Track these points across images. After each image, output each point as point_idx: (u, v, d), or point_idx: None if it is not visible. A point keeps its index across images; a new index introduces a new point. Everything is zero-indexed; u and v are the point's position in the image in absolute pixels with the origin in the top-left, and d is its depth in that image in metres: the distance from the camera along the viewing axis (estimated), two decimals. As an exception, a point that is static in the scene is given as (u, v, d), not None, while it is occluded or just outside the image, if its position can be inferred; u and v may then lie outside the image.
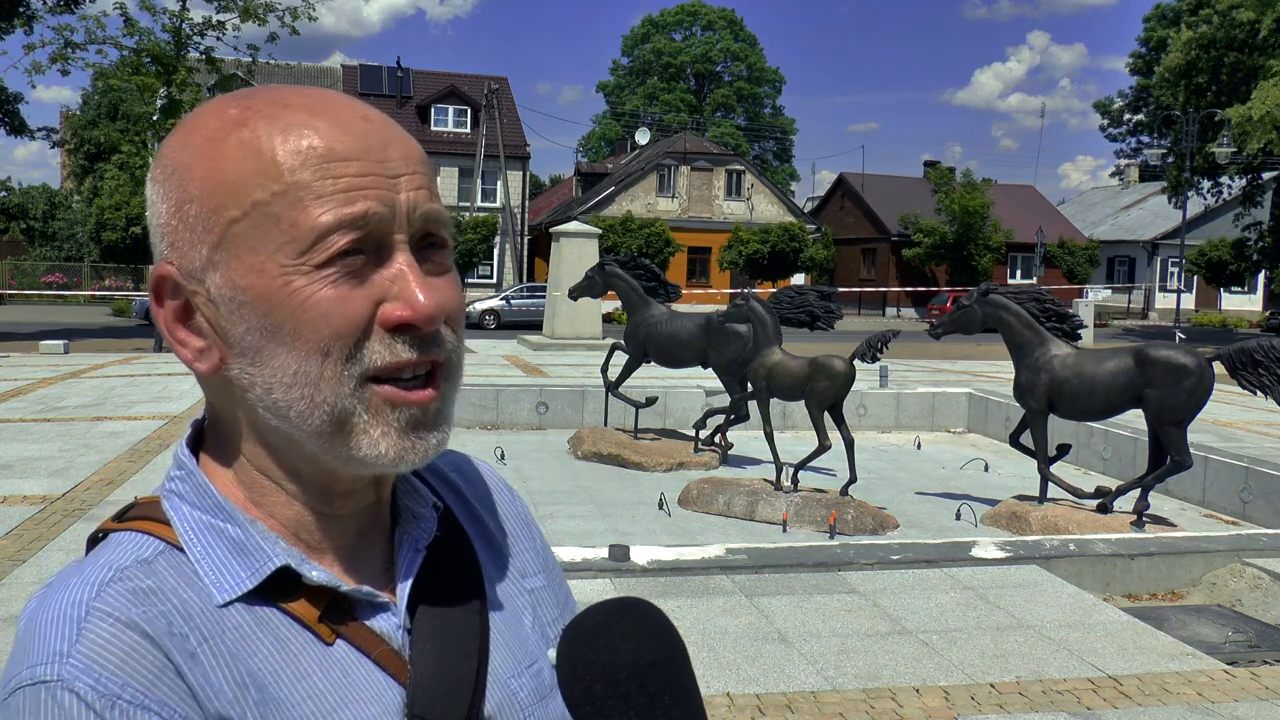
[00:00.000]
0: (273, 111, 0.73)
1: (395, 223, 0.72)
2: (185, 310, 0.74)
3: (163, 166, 0.75)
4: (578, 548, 5.88)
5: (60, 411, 10.76)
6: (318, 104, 0.74)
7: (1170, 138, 34.26)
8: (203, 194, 0.72)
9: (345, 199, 0.70)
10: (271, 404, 0.72)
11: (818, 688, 4.23)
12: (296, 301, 0.70)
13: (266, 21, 20.36)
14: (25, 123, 24.82)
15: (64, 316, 30.40)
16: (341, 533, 0.79)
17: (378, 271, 0.72)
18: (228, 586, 0.72)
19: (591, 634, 0.76)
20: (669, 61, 69.14)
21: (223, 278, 0.72)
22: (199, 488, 0.77)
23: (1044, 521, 7.43)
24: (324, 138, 0.71)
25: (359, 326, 0.71)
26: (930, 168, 46.98)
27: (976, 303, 7.95)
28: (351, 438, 0.73)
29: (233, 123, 0.73)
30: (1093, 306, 30.13)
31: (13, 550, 5.90)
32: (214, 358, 0.74)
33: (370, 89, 43.08)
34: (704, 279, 43.79)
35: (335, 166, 0.71)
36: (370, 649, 0.76)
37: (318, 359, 0.71)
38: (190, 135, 0.74)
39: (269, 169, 0.70)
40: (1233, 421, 11.74)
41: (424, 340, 0.73)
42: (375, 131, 0.74)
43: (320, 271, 0.70)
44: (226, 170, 0.71)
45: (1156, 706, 4.14)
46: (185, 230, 0.73)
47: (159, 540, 0.74)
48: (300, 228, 0.70)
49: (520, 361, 17.12)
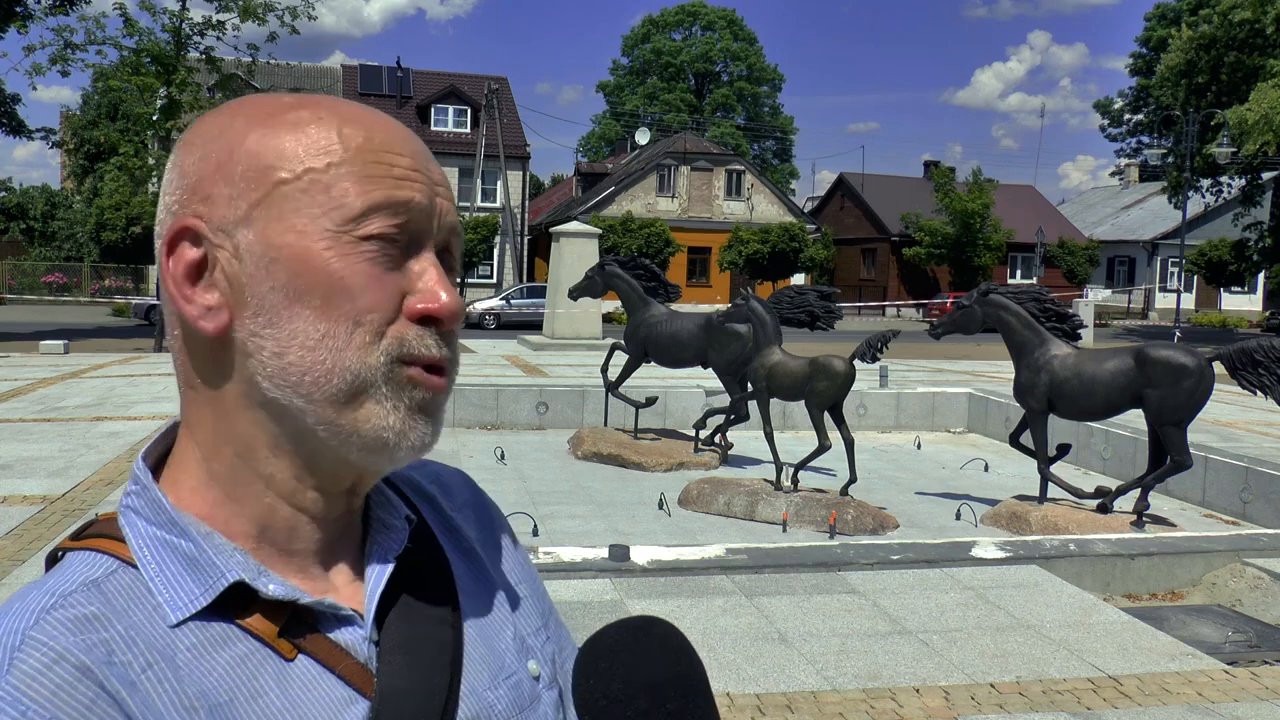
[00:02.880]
0: (332, 105, 0.76)
1: (432, 221, 0.76)
2: (200, 266, 0.74)
3: (204, 132, 0.76)
4: (578, 548, 5.88)
5: (60, 411, 10.76)
6: (374, 113, 0.78)
7: (1170, 138, 34.27)
8: (253, 154, 0.73)
9: (395, 184, 0.74)
10: (281, 368, 0.72)
11: (818, 688, 4.23)
12: (334, 268, 0.71)
13: (266, 21, 20.35)
14: (24, 123, 24.79)
15: (64, 316, 30.40)
16: (312, 538, 0.77)
17: (407, 263, 0.75)
18: (181, 605, 0.71)
19: (610, 652, 0.76)
20: (669, 61, 69.12)
21: (258, 234, 0.72)
22: (153, 502, 0.75)
23: (1044, 521, 7.43)
24: (381, 133, 0.75)
25: (390, 306, 0.73)
26: (933, 168, 46.97)
27: (976, 303, 7.95)
28: (362, 408, 0.73)
29: (290, 105, 0.76)
30: (1093, 306, 30.12)
31: (13, 550, 5.90)
32: (223, 317, 0.73)
33: (370, 89, 43.08)
34: (704, 279, 43.80)
35: (390, 156, 0.74)
36: (334, 663, 0.74)
37: (348, 326, 0.72)
38: (244, 108, 0.77)
39: (327, 144, 0.73)
40: (1233, 421, 11.74)
41: (442, 338, 0.75)
42: (423, 148, 0.79)
43: (360, 245, 0.72)
44: (283, 138, 0.73)
45: (1156, 706, 4.14)
46: (226, 185, 0.73)
47: (113, 559, 0.72)
48: (350, 198, 0.72)
49: (520, 361, 17.11)
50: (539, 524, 7.35)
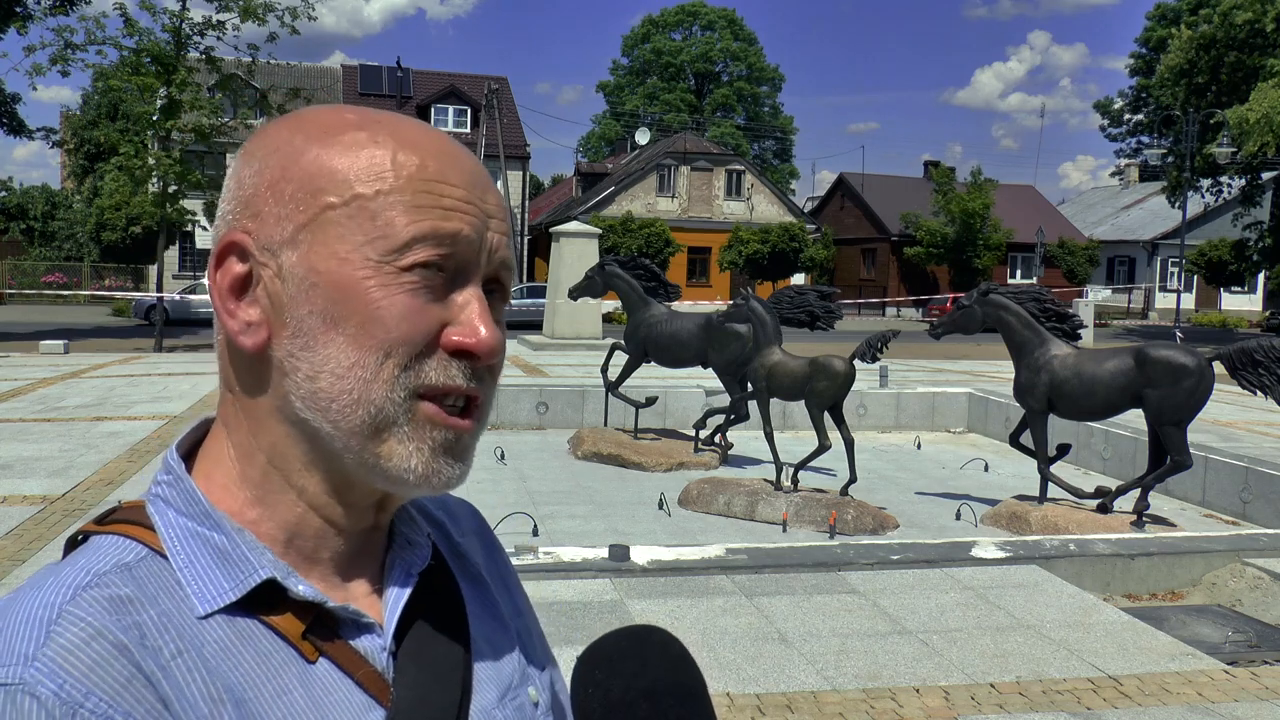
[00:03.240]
0: (393, 127, 0.75)
1: (480, 253, 0.75)
2: (245, 281, 0.74)
3: (264, 143, 0.76)
4: (578, 548, 5.88)
5: (60, 411, 10.76)
6: (433, 133, 0.77)
7: (1170, 138, 34.29)
8: (305, 175, 0.73)
9: (443, 215, 0.73)
10: (312, 392, 0.72)
11: (818, 688, 4.23)
12: (372, 297, 0.71)
13: (266, 21, 20.33)
14: (24, 123, 24.81)
15: (64, 316, 30.39)
16: (338, 548, 0.78)
17: (451, 295, 0.74)
18: (210, 597, 0.71)
19: (609, 660, 0.76)
20: (669, 61, 69.11)
21: (301, 257, 0.72)
22: (186, 493, 0.75)
23: (1044, 521, 7.43)
24: (437, 160, 0.74)
25: (426, 338, 0.72)
26: (932, 167, 46.97)
27: (976, 303, 7.95)
28: (384, 445, 0.72)
29: (350, 124, 0.75)
30: (1093, 306, 30.12)
31: (13, 550, 5.90)
32: (263, 334, 0.73)
33: (370, 89, 43.10)
34: (704, 279, 43.79)
35: (442, 186, 0.73)
36: (353, 669, 0.74)
37: (379, 357, 0.71)
38: (303, 123, 0.76)
39: (379, 169, 0.72)
40: (1233, 421, 11.74)
41: (475, 373, 0.75)
42: (480, 174, 0.77)
43: (401, 275, 0.71)
44: (336, 160, 0.73)
45: (1156, 706, 4.14)
46: (276, 204, 0.73)
47: (142, 545, 0.73)
48: (394, 228, 0.71)
49: (520, 361, 17.12)
50: (539, 524, 7.34)
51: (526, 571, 5.32)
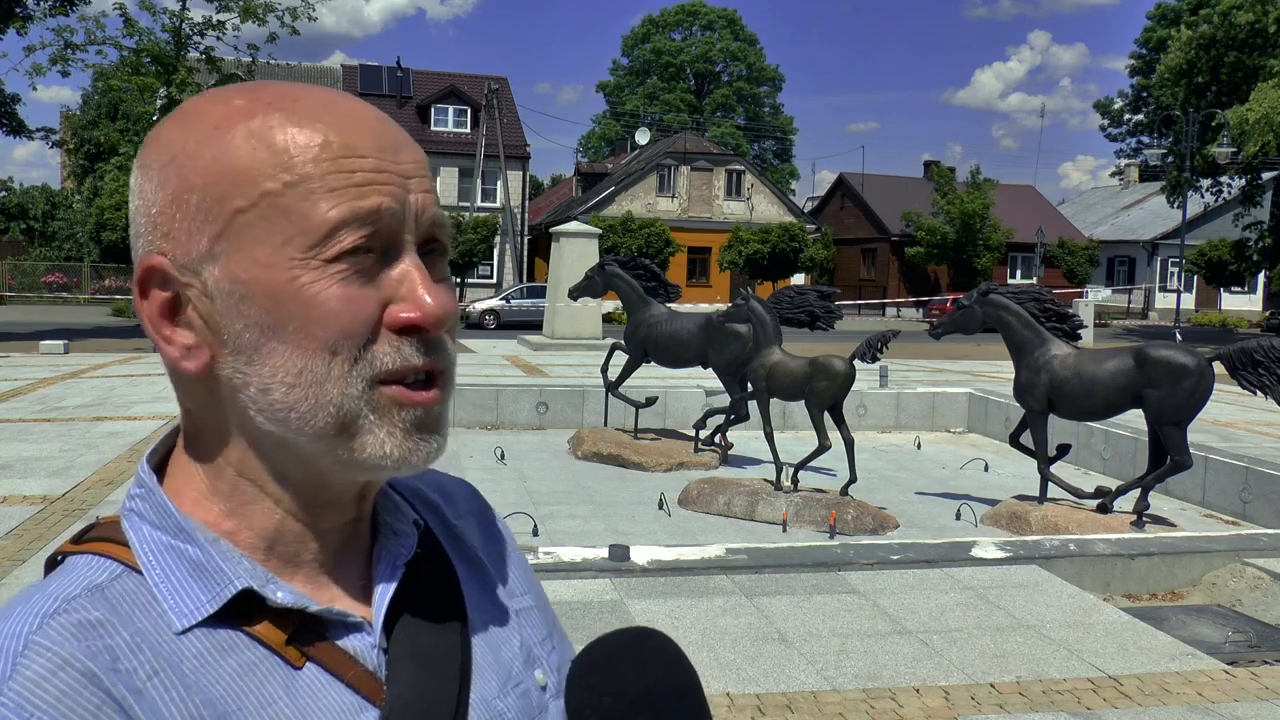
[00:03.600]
0: (285, 104, 0.70)
1: (406, 222, 0.71)
2: (174, 305, 0.71)
3: (157, 153, 0.71)
4: (578, 548, 5.88)
5: (60, 411, 10.77)
6: (331, 100, 0.72)
7: (1170, 138, 34.27)
8: (206, 182, 0.69)
9: (359, 193, 0.68)
10: (268, 405, 0.69)
11: (818, 688, 4.23)
12: (305, 297, 0.68)
13: (266, 21, 20.37)
14: (24, 123, 24.79)
15: (64, 316, 30.39)
16: (320, 547, 0.76)
17: (384, 272, 0.70)
18: (187, 612, 0.69)
19: (605, 662, 0.75)
20: (669, 61, 69.11)
21: (223, 270, 0.69)
22: (158, 506, 0.73)
23: (1044, 521, 7.43)
24: (339, 132, 0.69)
25: (367, 326, 0.69)
26: (933, 167, 46.97)
27: (976, 303, 7.95)
28: (356, 439, 0.70)
29: (241, 112, 0.70)
30: (1093, 306, 30.12)
31: (13, 550, 5.90)
32: (204, 356, 0.70)
33: (370, 89, 43.08)
34: (704, 279, 43.79)
35: (350, 161, 0.69)
36: (343, 671, 0.72)
37: (324, 357, 0.68)
38: (192, 122, 0.71)
39: (281, 159, 0.68)
40: (1233, 421, 11.74)
41: (429, 344, 0.71)
42: (390, 133, 0.72)
43: (330, 267, 0.68)
44: (235, 158, 0.68)
45: (1156, 706, 4.14)
46: (184, 219, 0.69)
47: (116, 563, 0.71)
48: (311, 221, 0.68)
49: (520, 361, 17.12)
50: (539, 524, 7.35)
51: (526, 571, 5.32)
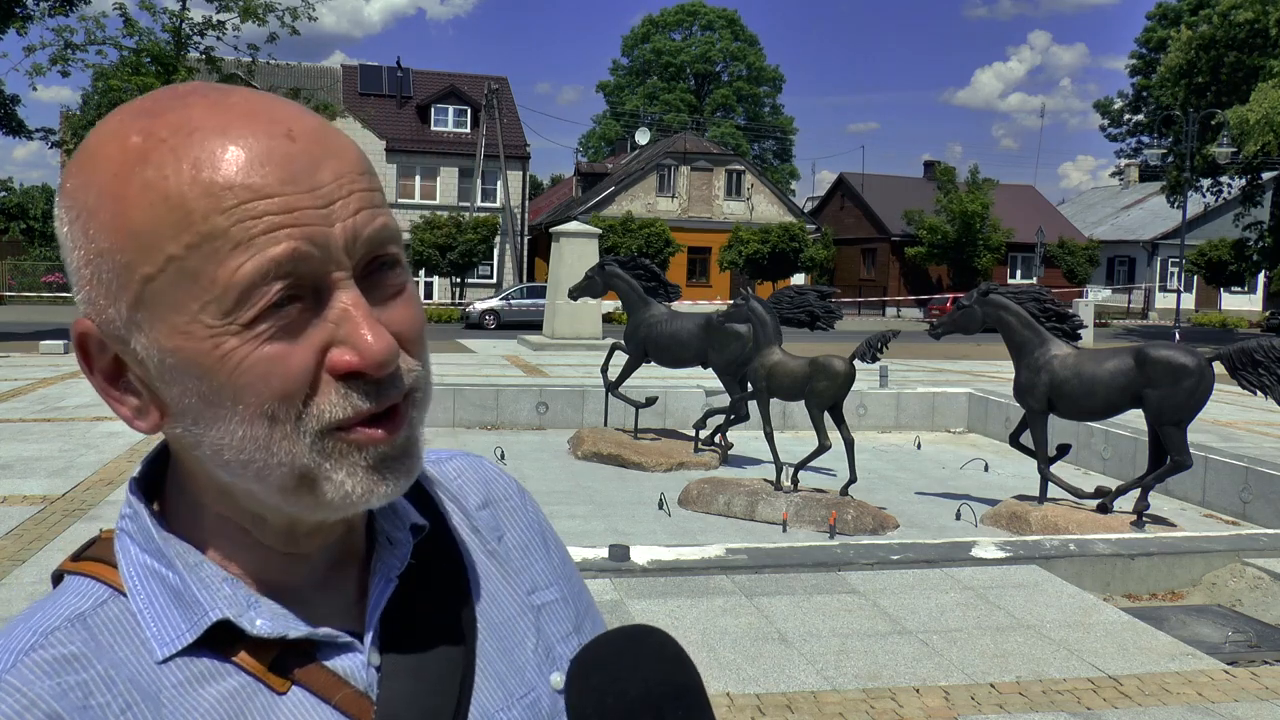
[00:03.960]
0: (177, 141, 0.63)
1: (331, 260, 0.64)
2: (115, 367, 0.68)
3: (66, 207, 0.67)
4: (578, 548, 5.88)
5: (60, 411, 10.77)
6: (231, 123, 0.64)
7: (1170, 138, 34.25)
8: (112, 246, 0.64)
9: (268, 240, 0.62)
10: (224, 464, 0.67)
11: (818, 688, 4.23)
12: (230, 365, 0.63)
13: (266, 21, 20.37)
14: (24, 123, 24.78)
15: (64, 316, 30.39)
16: (311, 569, 0.74)
17: (319, 315, 0.65)
18: (168, 640, 0.68)
19: (604, 663, 0.74)
20: (669, 61, 69.12)
21: (148, 338, 0.65)
22: (144, 529, 0.72)
23: (1044, 521, 7.43)
24: (240, 170, 0.62)
25: (303, 383, 0.64)
26: (936, 166, 46.97)
27: (976, 303, 7.95)
28: (316, 487, 0.67)
29: (135, 157, 0.63)
30: (1093, 306, 30.12)
31: (13, 550, 5.90)
32: (154, 417, 0.68)
33: (370, 89, 43.10)
34: (704, 279, 43.79)
35: (253, 205, 0.62)
36: (330, 694, 0.70)
37: (264, 423, 0.64)
38: (92, 172, 0.65)
39: (178, 217, 0.62)
40: (1233, 421, 11.74)
41: (379, 385, 0.66)
42: (301, 152, 0.64)
43: (252, 330, 0.63)
44: (133, 220, 0.63)
45: (1156, 706, 4.14)
46: (99, 285, 0.65)
47: (105, 587, 0.70)
48: (219, 284, 0.62)
49: (520, 361, 17.12)
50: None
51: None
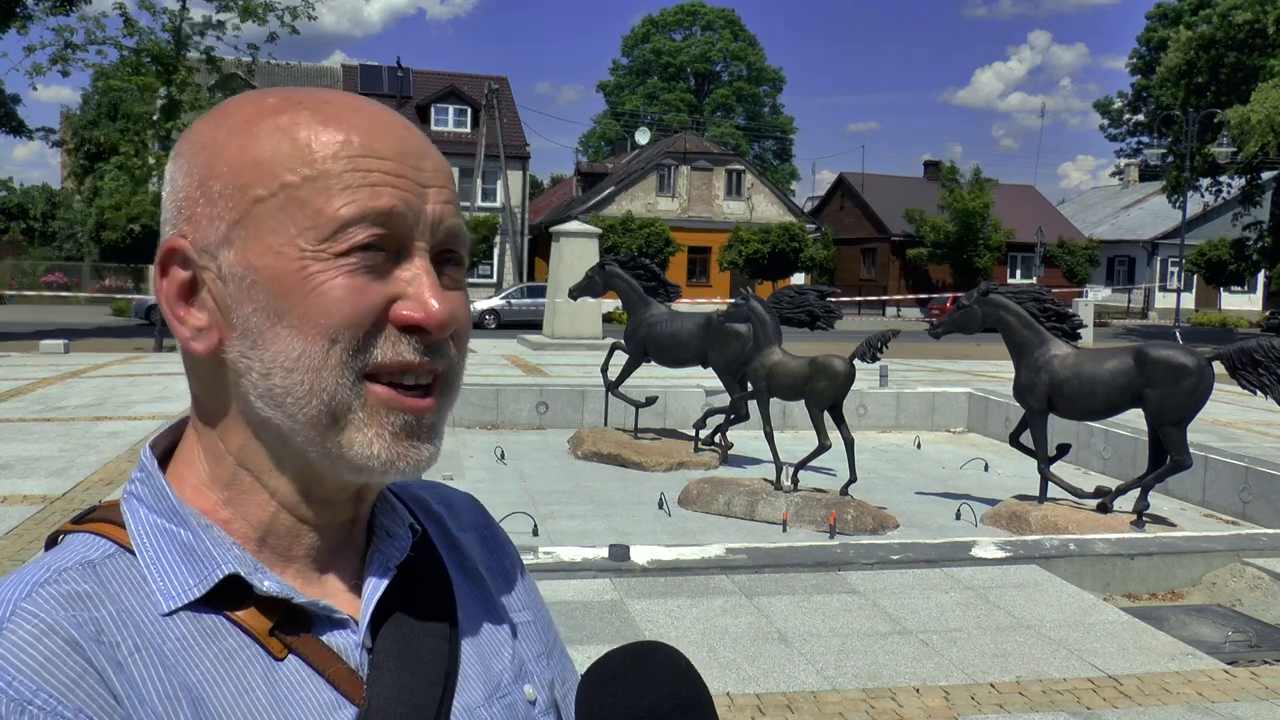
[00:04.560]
0: (314, 104, 0.73)
1: (419, 228, 0.72)
2: (190, 286, 0.73)
3: (191, 143, 0.75)
4: (578, 548, 5.88)
5: (60, 411, 10.77)
6: (360, 105, 0.75)
7: (1170, 138, 34.27)
8: (230, 170, 0.71)
9: (372, 193, 0.70)
10: (268, 390, 0.71)
11: (818, 687, 4.23)
12: (310, 286, 0.69)
13: (266, 21, 20.34)
14: (24, 123, 24.78)
15: (64, 316, 30.39)
16: (313, 543, 0.77)
17: (395, 271, 0.72)
18: (174, 594, 0.70)
19: (614, 677, 0.75)
20: (669, 61, 69.13)
21: (237, 255, 0.71)
22: (156, 490, 0.75)
23: (1044, 521, 7.43)
24: (362, 134, 0.72)
25: (370, 318, 0.70)
26: (933, 167, 46.97)
27: (976, 302, 7.95)
28: (344, 433, 0.71)
29: (271, 109, 0.73)
30: (1092, 306, 30.12)
31: (13, 550, 5.90)
32: (213, 337, 0.72)
33: (370, 89, 43.08)
34: (704, 279, 43.80)
35: (369, 161, 0.71)
36: (324, 666, 0.73)
37: (324, 344, 0.70)
38: (225, 117, 0.74)
39: (302, 154, 0.71)
40: (1233, 421, 11.74)
41: (430, 347, 0.72)
42: (413, 140, 0.75)
43: (339, 260, 0.70)
44: (259, 150, 0.71)
45: (1156, 706, 4.14)
46: (207, 205, 0.72)
47: (111, 543, 0.72)
48: (324, 215, 0.70)
49: (520, 361, 17.12)
50: (539, 524, 7.34)
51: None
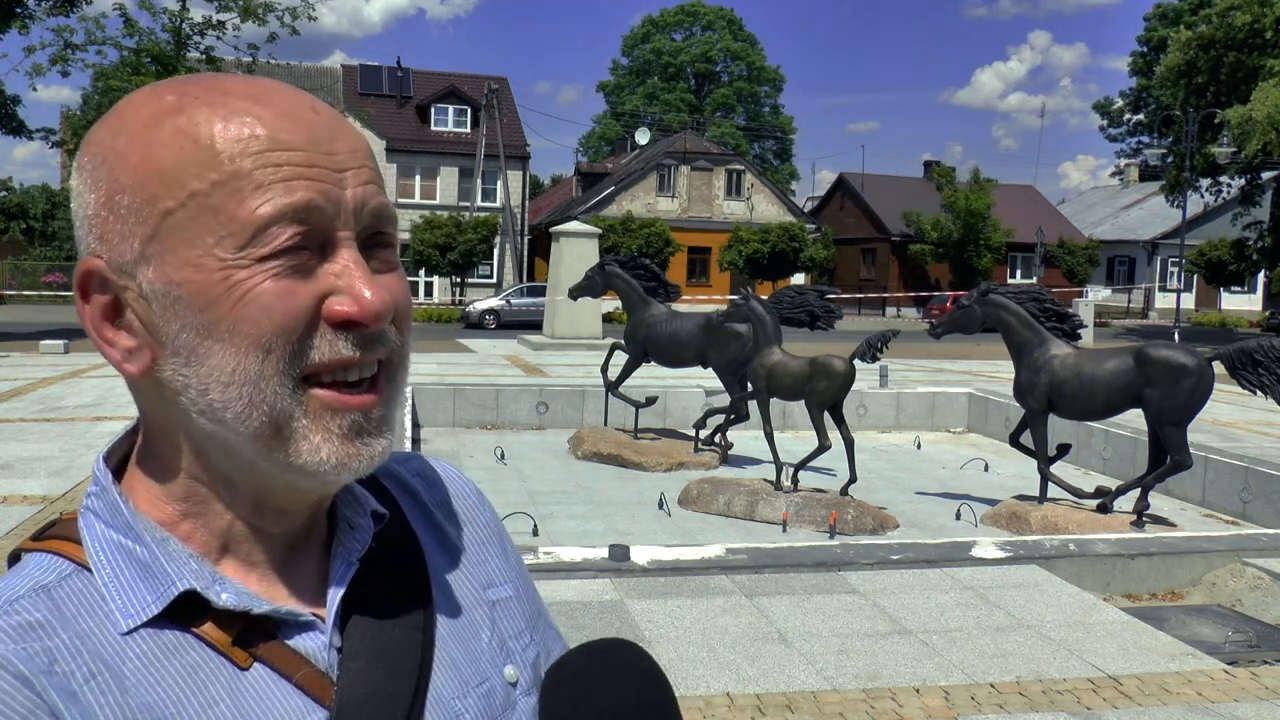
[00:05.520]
0: (212, 98, 0.69)
1: (340, 218, 0.69)
2: (114, 307, 0.70)
3: (91, 154, 0.70)
4: (578, 548, 5.88)
5: (60, 411, 10.77)
6: (261, 92, 0.70)
7: (1170, 138, 34.26)
8: (136, 183, 0.68)
9: (286, 189, 0.67)
10: (207, 406, 0.68)
11: (818, 688, 4.23)
12: (236, 295, 0.66)
13: (266, 21, 20.38)
14: (24, 123, 24.77)
15: (64, 316, 30.38)
16: (274, 548, 0.75)
17: (322, 267, 0.69)
18: (133, 612, 0.69)
19: (577, 676, 0.74)
20: (669, 61, 69.15)
21: (156, 272, 0.68)
22: (111, 505, 0.73)
23: (1044, 521, 7.43)
24: (267, 125, 0.68)
25: (302, 320, 0.68)
26: (934, 166, 46.98)
27: (976, 303, 7.95)
28: (290, 443, 0.69)
29: (169, 109, 0.69)
30: (1092, 306, 30.13)
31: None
32: (145, 358, 0.70)
33: (370, 89, 43.09)
34: (704, 279, 43.80)
35: (278, 155, 0.67)
36: (291, 671, 0.71)
37: (258, 355, 0.67)
38: (123, 122, 0.70)
39: (207, 157, 0.67)
40: (1233, 421, 11.74)
41: (368, 339, 0.70)
42: (322, 123, 0.70)
43: (262, 265, 0.67)
44: (162, 158, 0.67)
45: (1156, 706, 4.14)
46: (116, 222, 0.69)
47: (68, 562, 0.70)
48: (238, 220, 0.66)
49: (520, 361, 17.12)
50: (539, 524, 7.35)
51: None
